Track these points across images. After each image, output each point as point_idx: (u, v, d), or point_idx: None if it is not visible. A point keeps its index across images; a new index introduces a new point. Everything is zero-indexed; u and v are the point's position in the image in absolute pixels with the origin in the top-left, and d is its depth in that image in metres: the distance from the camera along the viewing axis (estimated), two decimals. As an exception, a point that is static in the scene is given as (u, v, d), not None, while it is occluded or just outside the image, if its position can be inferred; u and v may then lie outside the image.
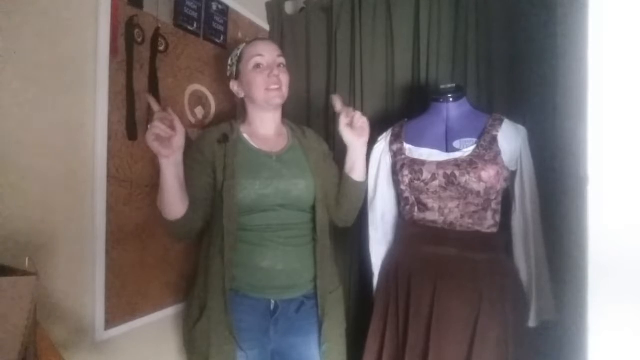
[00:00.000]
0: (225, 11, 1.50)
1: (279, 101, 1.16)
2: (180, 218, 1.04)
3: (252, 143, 1.16)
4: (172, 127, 0.93)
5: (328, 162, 1.26)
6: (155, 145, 0.91)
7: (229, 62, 1.23)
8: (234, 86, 1.22)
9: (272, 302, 1.09)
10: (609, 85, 0.52)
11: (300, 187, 1.12)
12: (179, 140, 0.94)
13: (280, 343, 1.10)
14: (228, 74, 1.24)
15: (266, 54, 1.15)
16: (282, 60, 1.18)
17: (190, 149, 1.15)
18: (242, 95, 1.21)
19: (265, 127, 1.20)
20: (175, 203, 1.02)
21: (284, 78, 1.16)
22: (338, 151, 1.56)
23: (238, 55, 1.19)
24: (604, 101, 0.53)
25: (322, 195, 1.15)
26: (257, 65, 1.14)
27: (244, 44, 1.21)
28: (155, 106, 0.95)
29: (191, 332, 1.10)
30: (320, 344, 1.11)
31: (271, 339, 1.09)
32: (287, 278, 1.10)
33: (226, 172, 1.07)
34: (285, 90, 1.17)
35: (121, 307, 1.14)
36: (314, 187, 1.13)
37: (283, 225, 1.11)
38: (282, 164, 1.14)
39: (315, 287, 1.13)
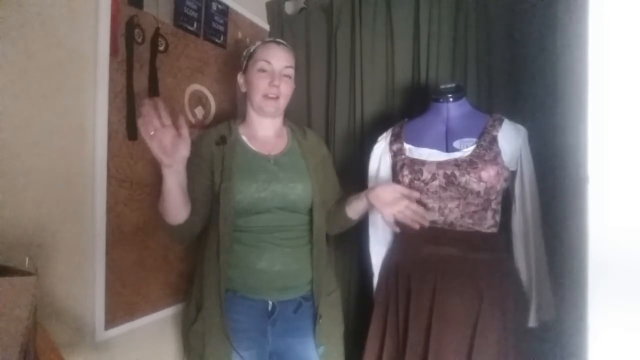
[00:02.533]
0: (225, 11, 1.50)
1: (272, 110, 1.15)
2: (183, 223, 1.04)
3: (250, 145, 1.16)
4: (178, 134, 0.88)
5: (326, 166, 1.25)
6: (157, 152, 0.87)
7: (244, 53, 1.22)
8: (240, 79, 1.22)
9: (270, 302, 1.10)
10: (609, 85, 0.52)
11: (297, 190, 1.11)
12: (183, 151, 0.90)
13: (278, 344, 1.10)
14: (240, 64, 1.23)
15: (273, 62, 1.14)
16: (289, 71, 1.16)
17: (190, 150, 1.15)
18: (244, 90, 1.21)
19: (263, 129, 1.19)
20: (177, 209, 1.01)
21: (285, 89, 1.15)
22: (337, 154, 1.57)
23: (250, 51, 1.19)
24: (604, 101, 0.52)
25: (319, 199, 1.15)
26: (262, 70, 1.14)
27: (260, 42, 1.19)
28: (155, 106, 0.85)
29: (188, 333, 1.10)
30: (316, 346, 1.11)
31: (269, 340, 1.09)
32: (284, 279, 1.10)
33: (224, 175, 1.07)
34: (283, 101, 1.16)
35: (121, 307, 1.14)
36: (311, 191, 1.13)
37: (280, 227, 1.10)
38: (279, 166, 1.13)
39: (312, 289, 1.13)
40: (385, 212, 1.05)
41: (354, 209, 1.16)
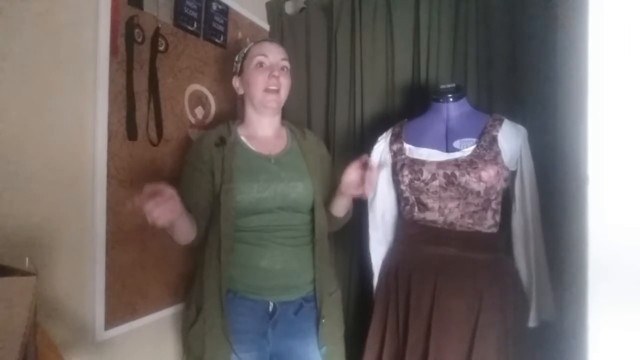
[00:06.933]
0: (225, 11, 1.50)
1: (274, 105, 1.15)
2: (193, 240, 1.09)
3: (250, 145, 1.16)
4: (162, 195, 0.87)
5: (325, 166, 1.26)
6: (166, 220, 0.88)
7: (236, 58, 1.23)
8: (235, 82, 1.22)
9: (271, 304, 1.09)
10: (609, 85, 0.52)
11: (299, 190, 1.11)
12: (175, 196, 0.89)
13: (278, 345, 1.09)
14: (233, 70, 1.24)
15: (270, 55, 1.15)
16: (285, 63, 1.18)
17: (190, 153, 1.15)
18: (241, 92, 1.21)
19: (263, 129, 1.19)
20: (187, 234, 1.07)
21: (284, 81, 1.16)
22: (337, 154, 1.57)
23: (245, 52, 1.20)
24: (604, 101, 0.53)
25: (320, 198, 1.15)
26: (260, 64, 1.14)
27: (253, 43, 1.21)
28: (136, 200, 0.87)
29: (187, 334, 1.10)
30: (319, 347, 1.11)
31: (269, 341, 1.09)
32: (285, 278, 1.10)
33: (224, 176, 1.07)
34: (283, 94, 1.16)
35: (121, 307, 1.14)
36: (313, 190, 1.13)
37: (281, 227, 1.10)
38: (280, 166, 1.13)
39: (314, 289, 1.13)
40: (362, 192, 1.04)
41: (336, 208, 1.18)
